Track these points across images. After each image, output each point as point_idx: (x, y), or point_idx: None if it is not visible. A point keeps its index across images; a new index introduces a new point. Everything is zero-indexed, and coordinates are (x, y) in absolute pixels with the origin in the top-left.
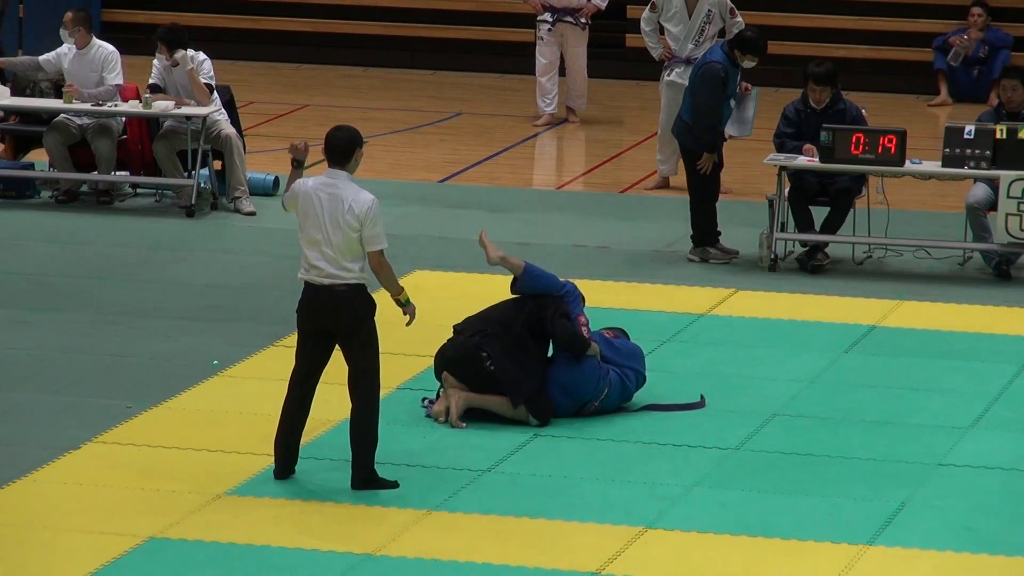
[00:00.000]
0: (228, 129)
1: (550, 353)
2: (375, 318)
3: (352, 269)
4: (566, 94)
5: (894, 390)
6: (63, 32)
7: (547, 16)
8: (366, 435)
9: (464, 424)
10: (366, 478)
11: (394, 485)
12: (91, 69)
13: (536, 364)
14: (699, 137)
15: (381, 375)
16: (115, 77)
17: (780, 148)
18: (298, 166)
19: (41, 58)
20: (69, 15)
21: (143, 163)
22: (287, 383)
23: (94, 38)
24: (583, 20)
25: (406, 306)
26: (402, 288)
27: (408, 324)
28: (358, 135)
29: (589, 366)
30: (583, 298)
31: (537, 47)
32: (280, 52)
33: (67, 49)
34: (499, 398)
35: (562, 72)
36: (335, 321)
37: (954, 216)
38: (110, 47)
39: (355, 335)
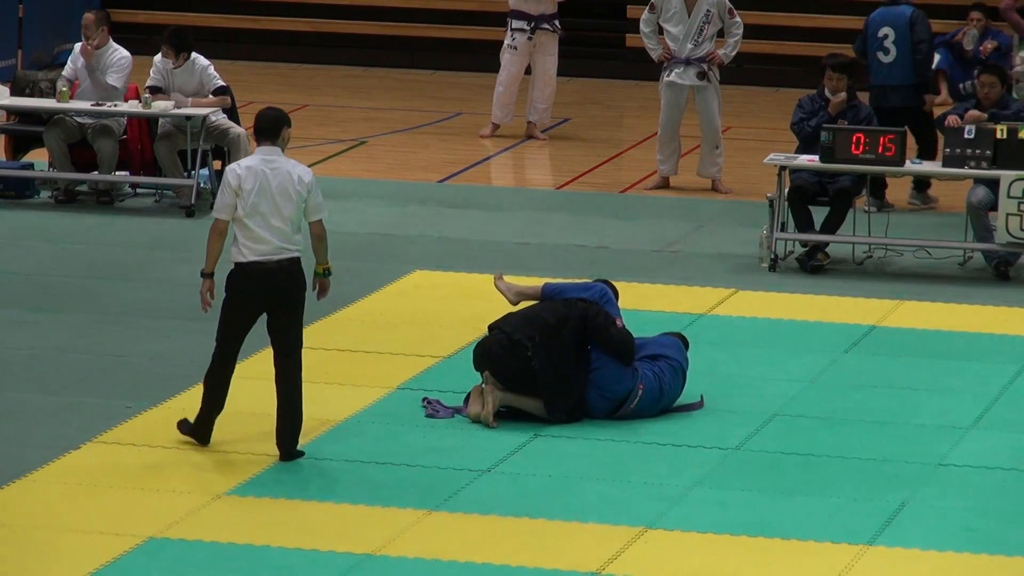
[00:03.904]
0: (237, 128)
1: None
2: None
3: (298, 242)
4: (529, 107)
5: (894, 390)
6: (81, 45)
7: (523, 24)
8: (299, 405)
9: (496, 424)
10: (292, 449)
11: (300, 455)
12: (102, 72)
13: (577, 376)
14: (928, 82)
15: (381, 375)
16: (117, 80)
17: (801, 131)
18: (209, 277)
19: (64, 73)
20: (90, 16)
21: (143, 163)
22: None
23: (111, 41)
24: (558, 26)
25: (324, 277)
26: (328, 261)
27: (319, 299)
28: (285, 115)
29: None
30: (617, 294)
31: (508, 56)
32: (280, 52)
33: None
34: (535, 400)
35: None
36: (282, 296)
37: (954, 216)
38: (124, 52)
39: (296, 307)
